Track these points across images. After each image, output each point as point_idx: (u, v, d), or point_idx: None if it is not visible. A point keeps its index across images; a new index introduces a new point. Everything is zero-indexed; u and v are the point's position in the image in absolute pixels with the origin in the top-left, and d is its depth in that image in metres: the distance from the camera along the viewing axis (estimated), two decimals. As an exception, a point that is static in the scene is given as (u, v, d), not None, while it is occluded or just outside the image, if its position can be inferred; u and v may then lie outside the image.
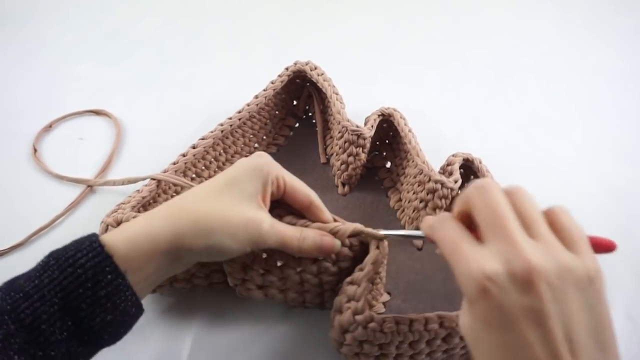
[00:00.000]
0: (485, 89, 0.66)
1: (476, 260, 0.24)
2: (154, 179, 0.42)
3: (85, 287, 0.26)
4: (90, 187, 0.50)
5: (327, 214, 0.36)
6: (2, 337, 0.24)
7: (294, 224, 0.34)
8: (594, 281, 0.24)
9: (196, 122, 0.56)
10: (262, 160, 0.33)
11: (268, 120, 0.54)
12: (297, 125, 0.56)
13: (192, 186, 0.42)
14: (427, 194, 0.43)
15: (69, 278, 0.26)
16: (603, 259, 0.45)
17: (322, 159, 0.53)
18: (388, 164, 0.52)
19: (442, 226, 0.27)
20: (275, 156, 0.53)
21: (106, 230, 0.36)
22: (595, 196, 0.52)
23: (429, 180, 0.43)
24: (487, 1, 0.83)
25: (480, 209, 0.25)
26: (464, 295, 0.25)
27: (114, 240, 0.28)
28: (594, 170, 0.55)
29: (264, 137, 0.54)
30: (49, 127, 0.57)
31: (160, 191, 0.43)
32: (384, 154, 0.52)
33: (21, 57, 0.69)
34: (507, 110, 0.63)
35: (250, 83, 0.55)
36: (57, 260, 0.27)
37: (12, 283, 0.27)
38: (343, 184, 0.50)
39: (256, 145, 0.53)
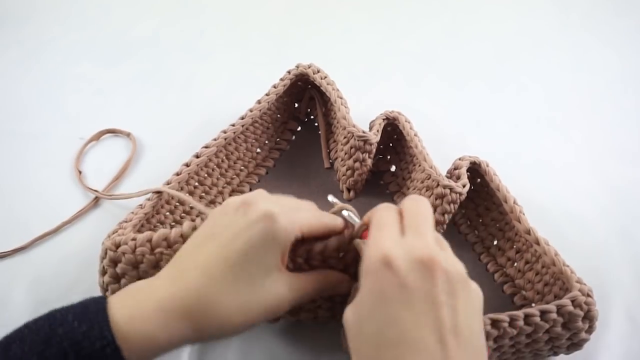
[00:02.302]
0: (485, 88, 0.65)
1: (388, 241, 0.27)
2: (156, 192, 0.41)
3: None
4: (96, 200, 0.49)
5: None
6: None
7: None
8: (471, 285, 0.28)
9: (196, 123, 0.57)
10: (279, 226, 0.29)
11: (270, 125, 0.53)
12: (299, 129, 0.55)
13: (193, 205, 0.40)
14: (436, 199, 0.43)
15: None
16: (603, 258, 0.47)
17: (326, 164, 0.52)
18: (393, 168, 0.51)
19: (382, 210, 0.30)
20: (278, 162, 0.53)
21: (106, 254, 0.35)
22: (596, 196, 0.52)
23: (437, 185, 0.43)
24: (487, 1, 0.82)
25: (409, 210, 0.30)
26: (365, 268, 0.27)
27: (127, 330, 0.26)
28: (594, 171, 0.55)
29: (266, 142, 0.53)
30: (79, 171, 0.52)
31: (164, 202, 0.42)
32: (389, 157, 0.52)
33: (21, 57, 0.68)
34: (507, 110, 0.63)
35: (249, 83, 0.55)
36: (61, 340, 0.25)
37: (8, 350, 0.25)
38: (348, 190, 0.49)
39: (258, 150, 0.52)
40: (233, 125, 0.46)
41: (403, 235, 0.28)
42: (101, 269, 0.36)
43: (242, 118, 0.47)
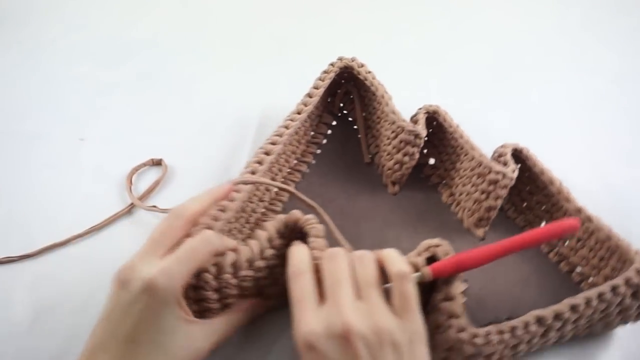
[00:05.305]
0: (484, 89, 0.67)
1: (308, 318, 0.28)
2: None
3: None
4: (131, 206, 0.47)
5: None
6: None
7: None
8: (413, 342, 0.28)
9: (198, 123, 0.58)
10: (161, 292, 0.28)
11: (307, 118, 0.51)
12: (334, 123, 0.54)
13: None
14: (489, 185, 0.45)
15: None
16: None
17: (366, 159, 0.52)
18: (432, 161, 0.52)
19: (298, 279, 0.30)
20: (317, 157, 0.52)
21: None
22: (595, 196, 0.52)
23: (490, 172, 0.45)
24: (488, 2, 0.84)
25: (325, 274, 0.30)
26: (298, 349, 0.27)
27: None
28: (593, 170, 0.55)
29: (304, 135, 0.51)
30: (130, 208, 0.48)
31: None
32: (425, 151, 0.53)
33: (21, 58, 0.68)
34: (506, 110, 0.63)
35: (249, 83, 0.57)
36: None
37: None
38: (393, 183, 0.50)
39: (297, 144, 0.50)
40: (292, 120, 0.44)
41: (322, 305, 0.28)
42: None
43: (299, 113, 0.45)
